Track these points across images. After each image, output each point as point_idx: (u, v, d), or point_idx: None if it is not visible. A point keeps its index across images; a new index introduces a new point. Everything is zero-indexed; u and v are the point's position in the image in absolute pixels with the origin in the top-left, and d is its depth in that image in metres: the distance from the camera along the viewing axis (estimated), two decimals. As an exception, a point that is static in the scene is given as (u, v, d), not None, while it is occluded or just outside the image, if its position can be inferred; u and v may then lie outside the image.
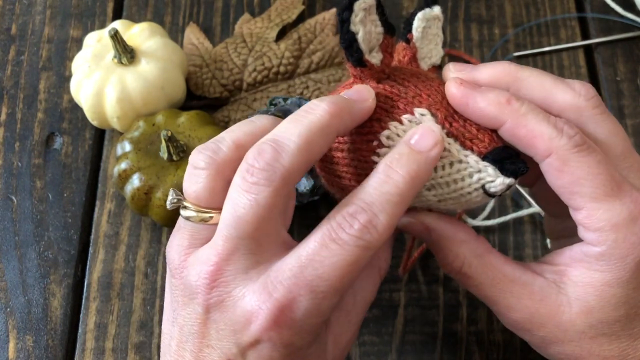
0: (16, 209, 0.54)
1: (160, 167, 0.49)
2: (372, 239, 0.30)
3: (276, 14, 0.60)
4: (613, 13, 0.60)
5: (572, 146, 0.31)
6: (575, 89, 0.33)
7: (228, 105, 0.57)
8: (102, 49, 0.53)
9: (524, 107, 0.32)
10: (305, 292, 0.30)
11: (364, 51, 0.32)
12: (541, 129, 0.31)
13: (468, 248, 0.34)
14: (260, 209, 0.30)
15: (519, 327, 0.34)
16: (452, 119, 0.32)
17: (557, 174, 0.31)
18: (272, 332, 0.30)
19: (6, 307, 0.51)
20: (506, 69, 0.34)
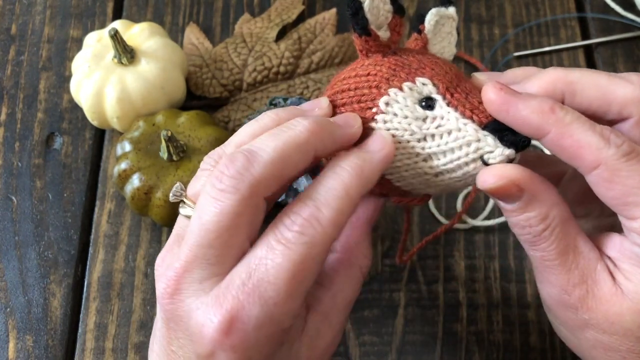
0: (16, 209, 0.54)
1: (160, 167, 0.49)
2: (316, 233, 0.29)
3: (276, 14, 0.60)
4: (613, 13, 0.60)
5: (621, 155, 0.30)
6: (634, 82, 0.32)
7: (228, 105, 0.57)
8: (102, 49, 0.53)
9: (568, 115, 0.30)
10: (254, 300, 0.29)
11: (369, 21, 0.33)
12: (587, 139, 0.30)
13: (557, 211, 0.32)
14: (223, 217, 0.29)
15: (570, 302, 0.32)
16: (454, 91, 0.32)
17: (608, 185, 0.30)
18: (224, 344, 0.29)
19: (6, 307, 0.51)
20: (555, 76, 0.32)
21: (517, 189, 0.31)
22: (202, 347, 0.30)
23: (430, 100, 0.32)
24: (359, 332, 0.49)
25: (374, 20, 0.33)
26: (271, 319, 0.29)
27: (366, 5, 0.32)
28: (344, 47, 0.58)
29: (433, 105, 0.32)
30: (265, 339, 0.29)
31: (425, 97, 0.32)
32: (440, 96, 0.32)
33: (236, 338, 0.29)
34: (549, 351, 0.48)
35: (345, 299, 0.34)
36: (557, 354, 0.48)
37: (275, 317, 0.29)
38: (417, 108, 0.32)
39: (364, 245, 0.35)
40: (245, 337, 0.29)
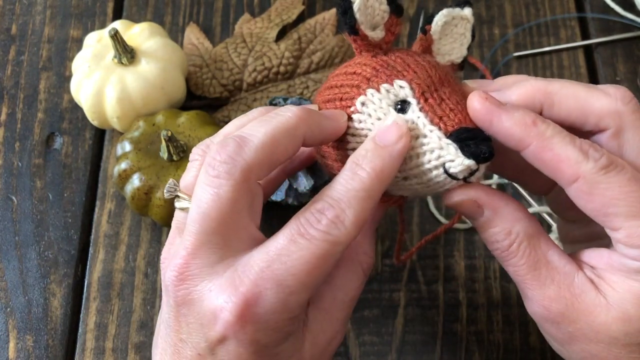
0: (16, 209, 0.54)
1: (160, 167, 0.49)
2: (340, 233, 0.30)
3: (276, 14, 0.60)
4: (613, 13, 0.60)
5: (600, 168, 0.30)
6: (611, 94, 0.32)
7: (228, 105, 0.57)
8: (102, 49, 0.53)
9: (549, 129, 0.31)
10: (272, 286, 0.30)
11: (358, 20, 0.33)
12: (567, 153, 0.30)
13: (522, 226, 0.33)
14: (222, 203, 0.30)
15: (550, 317, 0.33)
16: (430, 96, 0.32)
17: (587, 198, 0.31)
18: (237, 327, 0.30)
19: (6, 307, 0.51)
20: (535, 87, 0.33)
21: (476, 206, 0.33)
22: (214, 331, 0.30)
23: (405, 103, 0.32)
24: (359, 332, 0.49)
25: (368, 20, 0.34)
26: (284, 306, 0.30)
27: (355, 5, 0.33)
28: (344, 47, 0.58)
29: (406, 109, 0.32)
30: (276, 326, 0.30)
31: (400, 100, 0.33)
32: (415, 100, 0.32)
33: (250, 321, 0.30)
34: (549, 351, 0.48)
35: (346, 295, 0.34)
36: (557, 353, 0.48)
37: (288, 305, 0.30)
38: (391, 110, 0.33)
39: (365, 242, 0.35)
40: (259, 321, 0.30)
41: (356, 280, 0.35)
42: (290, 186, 0.49)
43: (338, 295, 0.34)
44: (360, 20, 0.33)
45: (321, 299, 0.34)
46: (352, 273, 0.35)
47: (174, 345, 0.32)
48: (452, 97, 0.32)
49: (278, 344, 0.31)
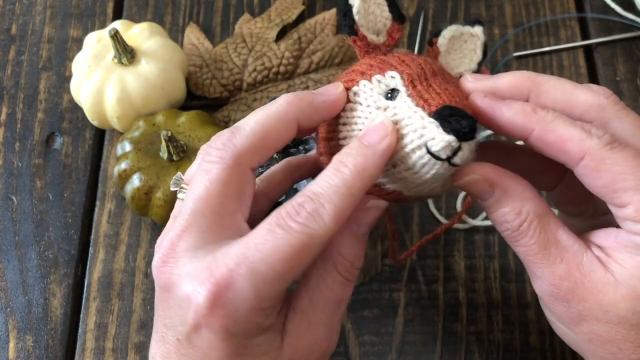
0: (16, 209, 0.54)
1: (160, 167, 0.49)
2: (318, 227, 0.30)
3: (276, 14, 0.60)
4: (613, 13, 0.60)
5: (605, 144, 0.31)
6: (594, 90, 0.34)
7: (228, 105, 0.57)
8: (102, 49, 0.53)
9: (549, 114, 0.32)
10: (245, 273, 0.30)
11: (357, 22, 0.35)
12: (570, 133, 0.31)
13: (532, 205, 0.33)
14: (212, 185, 0.32)
15: (560, 296, 0.33)
16: (418, 83, 0.33)
17: (596, 174, 0.31)
18: (208, 312, 0.30)
19: (6, 307, 0.51)
20: (525, 75, 0.34)
21: (487, 185, 0.33)
22: (189, 316, 0.31)
23: (394, 91, 0.33)
24: (359, 332, 0.49)
25: (370, 26, 0.35)
26: (256, 294, 0.30)
27: (355, 8, 0.35)
28: (344, 47, 0.58)
29: (395, 96, 0.33)
30: (247, 314, 0.30)
31: (390, 88, 0.33)
32: (404, 88, 0.33)
33: (221, 307, 0.30)
34: (549, 351, 0.48)
35: (322, 296, 0.34)
36: (557, 354, 0.48)
37: (260, 293, 0.30)
38: (381, 99, 0.33)
39: (344, 244, 0.34)
40: (230, 307, 0.30)
41: (332, 281, 0.34)
42: (291, 187, 0.49)
43: (314, 296, 0.34)
44: (360, 23, 0.35)
45: (298, 301, 0.34)
46: (327, 273, 0.34)
47: (160, 331, 0.33)
48: (442, 85, 0.33)
49: (250, 336, 0.31)
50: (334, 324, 0.34)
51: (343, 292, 0.34)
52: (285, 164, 0.40)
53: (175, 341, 0.32)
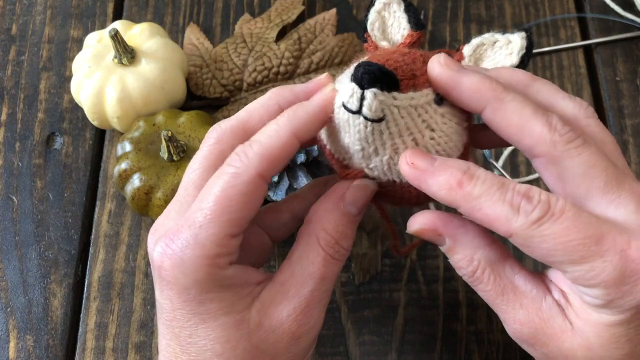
0: (17, 209, 0.54)
1: (161, 167, 0.49)
2: (242, 164, 0.32)
3: (276, 14, 0.60)
4: (613, 13, 0.60)
5: (531, 223, 0.30)
6: (551, 124, 0.31)
7: (228, 105, 0.57)
8: (103, 49, 0.53)
9: (476, 188, 0.31)
10: (186, 224, 0.32)
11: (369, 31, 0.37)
12: (497, 212, 0.30)
13: (483, 253, 0.33)
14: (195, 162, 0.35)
15: (523, 339, 0.33)
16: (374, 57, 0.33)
17: (526, 249, 0.31)
18: (161, 265, 0.32)
19: (7, 306, 0.51)
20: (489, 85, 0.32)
21: (436, 234, 0.34)
22: (154, 274, 0.33)
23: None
24: (359, 332, 0.49)
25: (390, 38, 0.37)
26: (195, 240, 0.31)
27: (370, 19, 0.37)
28: (344, 47, 0.58)
29: None
30: (192, 264, 0.32)
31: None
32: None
33: (169, 257, 0.32)
34: (549, 351, 0.48)
35: (303, 269, 0.34)
36: None
37: (199, 239, 0.31)
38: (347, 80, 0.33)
39: (326, 218, 0.34)
40: (177, 257, 0.32)
41: (314, 255, 0.34)
42: (290, 186, 0.49)
43: (295, 269, 0.34)
44: (374, 34, 0.37)
45: (279, 273, 0.34)
46: (310, 247, 0.34)
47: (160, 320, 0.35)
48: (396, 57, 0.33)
49: (203, 291, 0.32)
50: (316, 300, 0.34)
51: (326, 268, 0.34)
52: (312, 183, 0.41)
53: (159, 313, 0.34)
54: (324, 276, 0.34)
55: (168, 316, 0.33)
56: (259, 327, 0.33)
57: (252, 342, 0.33)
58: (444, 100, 0.33)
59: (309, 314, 0.34)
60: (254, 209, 0.33)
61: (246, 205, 0.32)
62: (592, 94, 0.57)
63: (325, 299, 0.35)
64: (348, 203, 0.35)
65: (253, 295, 0.34)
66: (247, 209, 0.32)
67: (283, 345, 0.33)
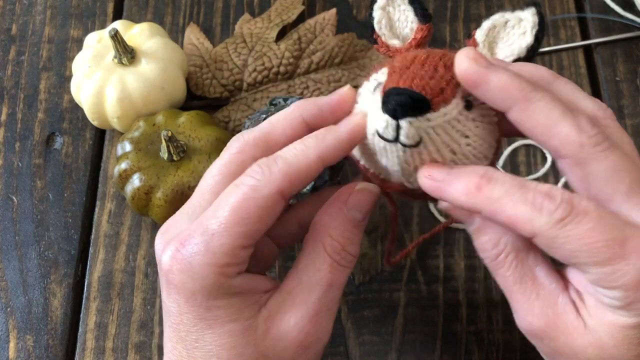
0: (17, 209, 0.54)
1: (161, 167, 0.49)
2: (263, 178, 0.32)
3: (276, 14, 0.60)
4: (613, 13, 0.60)
5: (555, 222, 0.29)
6: (580, 126, 0.31)
7: (228, 105, 0.57)
8: (103, 49, 0.53)
9: (495, 190, 0.31)
10: (199, 229, 0.32)
11: (377, 31, 0.36)
12: (519, 212, 0.30)
13: (509, 239, 0.33)
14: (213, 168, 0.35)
15: (534, 332, 0.33)
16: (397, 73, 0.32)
17: (550, 250, 0.31)
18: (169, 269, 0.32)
19: (6, 306, 0.51)
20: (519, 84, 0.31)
21: (467, 213, 0.33)
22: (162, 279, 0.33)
23: (379, 84, 0.33)
24: (359, 332, 0.49)
25: (398, 33, 0.36)
26: (207, 247, 0.31)
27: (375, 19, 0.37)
28: (344, 47, 0.58)
29: (378, 88, 0.33)
30: (202, 270, 0.31)
31: (378, 83, 0.33)
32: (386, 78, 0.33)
33: (179, 262, 0.32)
34: (549, 351, 0.48)
35: (310, 277, 0.33)
36: None
37: (210, 247, 0.31)
38: (369, 94, 0.34)
39: (332, 225, 0.34)
40: (186, 263, 0.32)
41: (320, 263, 0.34)
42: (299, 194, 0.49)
43: (302, 278, 0.34)
44: (382, 32, 0.36)
45: (286, 281, 0.34)
46: (316, 254, 0.34)
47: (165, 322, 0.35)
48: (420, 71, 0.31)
49: (211, 298, 0.32)
50: (324, 308, 0.33)
51: (333, 275, 0.34)
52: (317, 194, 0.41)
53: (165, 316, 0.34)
54: (331, 283, 0.34)
55: (175, 319, 0.33)
56: (266, 335, 0.33)
57: (259, 350, 0.33)
58: (473, 104, 0.33)
59: (317, 322, 0.33)
60: (269, 224, 0.33)
61: (262, 219, 0.32)
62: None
63: (333, 307, 0.34)
64: (351, 208, 0.35)
65: (260, 303, 0.33)
66: (263, 223, 0.32)
67: (290, 354, 0.33)
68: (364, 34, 0.60)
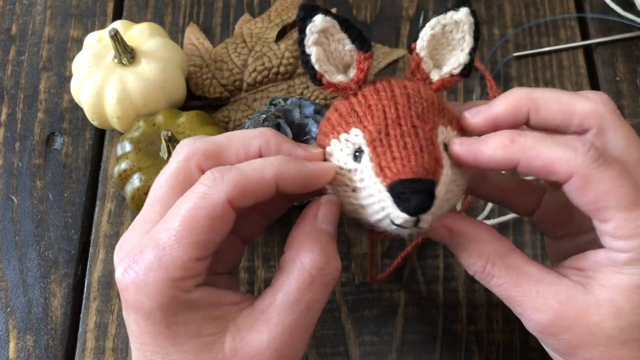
0: (16, 209, 0.54)
1: (161, 167, 0.49)
2: (215, 187, 0.31)
3: (276, 14, 0.60)
4: (613, 13, 0.60)
5: (591, 162, 0.31)
6: (591, 98, 0.34)
7: (228, 105, 0.57)
8: (103, 49, 0.53)
9: (529, 140, 0.32)
10: (150, 243, 0.31)
11: (319, 70, 0.34)
12: (556, 154, 0.32)
13: (491, 247, 0.34)
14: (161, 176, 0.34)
15: (545, 330, 0.33)
16: (379, 143, 0.32)
17: (581, 193, 0.31)
18: (124, 288, 0.31)
19: (6, 307, 0.51)
20: (519, 94, 0.34)
21: (445, 231, 0.34)
22: (121, 295, 0.32)
23: (360, 151, 0.33)
24: (358, 332, 0.49)
25: (337, 63, 0.34)
26: (159, 262, 0.30)
27: (313, 57, 0.34)
28: (344, 47, 0.58)
29: (361, 157, 0.33)
30: (155, 287, 0.30)
31: (356, 148, 0.33)
32: (368, 149, 0.32)
33: (133, 281, 0.31)
34: (549, 351, 0.48)
35: (286, 297, 0.32)
36: None
37: (163, 261, 0.30)
38: (349, 160, 0.33)
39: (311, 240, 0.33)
40: (140, 281, 0.30)
41: (299, 282, 0.32)
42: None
43: (277, 296, 0.32)
44: (324, 69, 0.34)
45: (260, 300, 0.32)
46: (293, 274, 0.32)
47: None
48: (403, 139, 0.32)
49: (168, 314, 0.31)
50: (300, 330, 0.32)
51: (312, 295, 0.32)
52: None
53: (129, 336, 0.33)
54: (309, 304, 0.32)
55: (138, 339, 0.32)
56: (235, 354, 0.31)
57: None
58: (445, 143, 0.34)
59: (292, 344, 0.32)
60: (222, 234, 0.31)
61: (213, 229, 0.31)
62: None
63: (310, 328, 0.33)
64: (323, 221, 0.34)
65: (227, 319, 0.32)
66: (214, 233, 0.31)
67: None
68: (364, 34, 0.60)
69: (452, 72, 0.35)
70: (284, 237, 0.52)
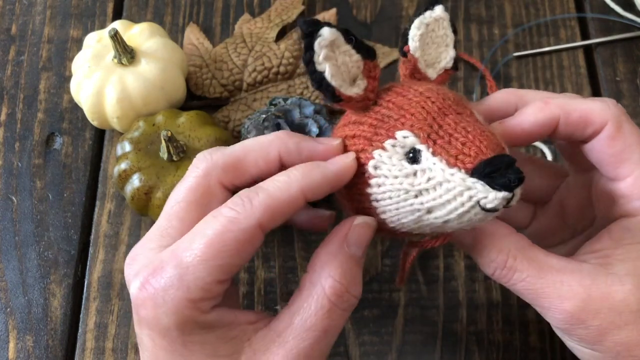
0: (16, 209, 0.54)
1: (160, 167, 0.49)
2: (244, 210, 0.30)
3: (276, 14, 0.60)
4: (613, 13, 0.60)
5: (622, 113, 0.34)
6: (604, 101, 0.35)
7: (228, 105, 0.57)
8: (102, 49, 0.53)
9: (560, 98, 0.35)
10: (172, 261, 0.30)
11: (336, 87, 0.32)
12: (589, 106, 0.34)
13: (511, 241, 0.33)
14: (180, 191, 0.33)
15: (574, 319, 0.32)
16: (437, 136, 0.31)
17: (611, 143, 0.33)
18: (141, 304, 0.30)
19: (6, 307, 0.51)
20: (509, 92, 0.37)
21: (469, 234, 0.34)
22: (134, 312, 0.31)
23: (415, 152, 0.31)
24: (358, 332, 0.49)
25: (346, 78, 0.33)
26: (180, 280, 0.30)
27: (327, 74, 0.31)
28: (343, 47, 0.58)
29: (419, 157, 0.31)
30: (176, 305, 0.30)
31: (410, 150, 0.31)
32: (424, 146, 0.31)
33: (151, 298, 0.30)
34: (549, 351, 0.48)
35: (304, 321, 0.31)
36: (557, 354, 0.48)
37: (185, 280, 0.30)
38: (405, 164, 0.31)
39: (332, 266, 0.32)
40: (159, 298, 0.30)
41: (317, 306, 0.31)
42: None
43: (295, 319, 0.31)
44: (338, 84, 0.32)
45: (276, 321, 0.32)
46: (312, 297, 0.32)
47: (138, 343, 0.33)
48: (459, 125, 0.31)
49: (187, 333, 0.30)
50: (316, 355, 0.32)
51: (331, 321, 0.32)
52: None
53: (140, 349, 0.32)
54: (327, 330, 0.32)
55: (151, 355, 0.32)
56: None
57: None
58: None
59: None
60: (247, 258, 0.31)
61: (240, 254, 0.30)
62: (592, 94, 0.57)
63: (326, 352, 0.32)
64: (352, 244, 0.33)
65: (243, 339, 0.32)
66: (240, 257, 0.30)
67: None
68: (364, 34, 0.60)
69: (446, 67, 0.36)
70: (284, 237, 0.52)
